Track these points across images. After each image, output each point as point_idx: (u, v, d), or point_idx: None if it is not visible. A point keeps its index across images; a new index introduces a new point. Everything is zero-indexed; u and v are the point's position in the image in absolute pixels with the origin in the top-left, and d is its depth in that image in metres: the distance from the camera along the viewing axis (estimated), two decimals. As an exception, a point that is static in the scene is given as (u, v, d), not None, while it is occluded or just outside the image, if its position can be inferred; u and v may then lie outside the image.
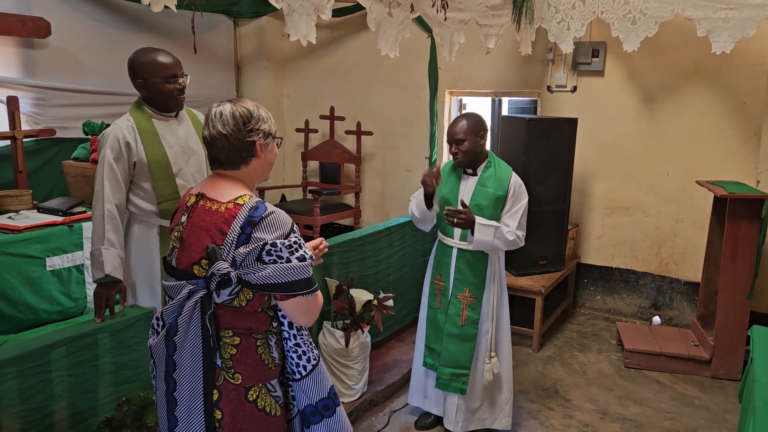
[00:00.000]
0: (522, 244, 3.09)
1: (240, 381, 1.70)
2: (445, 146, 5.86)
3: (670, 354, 4.12)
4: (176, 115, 2.73)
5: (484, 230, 2.97)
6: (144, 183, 2.64)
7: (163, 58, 2.60)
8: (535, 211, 4.58)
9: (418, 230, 4.52)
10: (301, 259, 1.65)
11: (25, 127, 4.30)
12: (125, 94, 5.05)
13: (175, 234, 1.78)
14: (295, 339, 1.80)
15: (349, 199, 6.27)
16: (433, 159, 5.74)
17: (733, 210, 3.88)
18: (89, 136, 4.30)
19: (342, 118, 6.02)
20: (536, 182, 4.55)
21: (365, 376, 3.56)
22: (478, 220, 2.96)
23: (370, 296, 3.46)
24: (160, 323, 1.74)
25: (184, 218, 1.76)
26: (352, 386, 3.44)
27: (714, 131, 4.60)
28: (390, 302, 3.54)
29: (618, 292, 5.15)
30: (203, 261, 1.68)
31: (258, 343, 1.73)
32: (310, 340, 1.84)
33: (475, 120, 3.06)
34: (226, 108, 1.72)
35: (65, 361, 2.24)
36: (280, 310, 1.77)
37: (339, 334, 3.36)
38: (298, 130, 6.32)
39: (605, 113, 4.99)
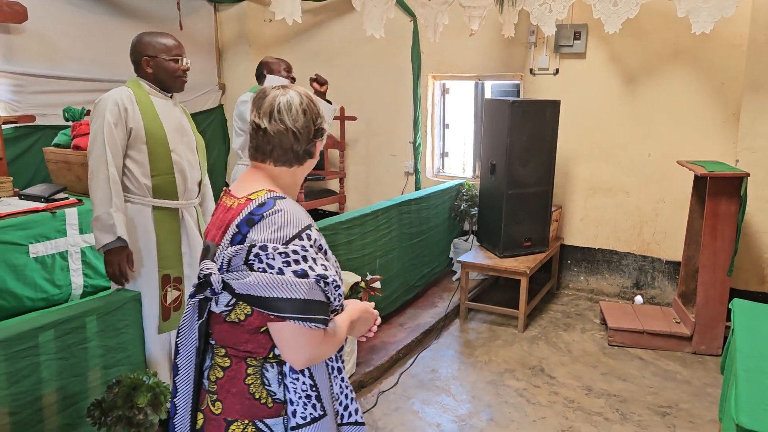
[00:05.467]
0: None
1: (219, 411, 1.48)
2: (429, 131, 5.88)
3: (653, 331, 4.19)
4: (172, 96, 2.80)
5: None
6: (137, 155, 2.62)
7: (171, 39, 2.73)
8: (519, 193, 4.64)
9: (404, 214, 4.57)
10: (301, 274, 1.35)
11: (2, 114, 4.24)
12: (105, 80, 5.01)
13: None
14: (295, 373, 1.49)
15: (333, 184, 6.26)
16: (417, 143, 5.76)
17: (713, 188, 3.95)
18: (70, 123, 4.24)
19: (325, 104, 5.99)
20: (520, 164, 4.59)
21: (354, 358, 3.59)
22: None
23: (358, 278, 3.47)
24: None
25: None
26: (340, 368, 3.46)
27: (694, 112, 4.67)
28: (377, 284, 3.55)
29: (601, 273, 5.23)
30: None
31: (249, 371, 1.47)
32: (316, 384, 1.51)
33: None
34: (295, 100, 1.50)
35: (53, 344, 2.23)
36: None
37: (327, 316, 3.37)
38: (281, 116, 6.28)
39: (587, 95, 5.03)
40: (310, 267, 1.36)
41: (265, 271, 1.35)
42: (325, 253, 1.49)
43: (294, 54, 6.39)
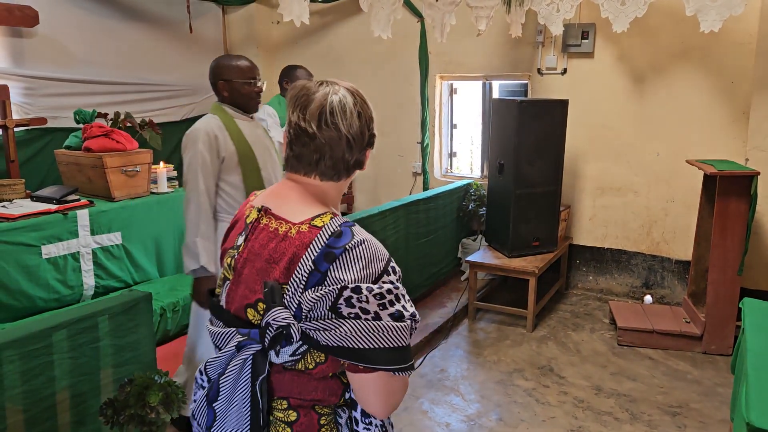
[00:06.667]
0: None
1: None
2: (437, 131, 5.88)
3: (662, 331, 4.18)
4: (252, 117, 2.93)
5: None
6: (230, 177, 2.75)
7: (245, 62, 2.84)
8: (527, 192, 4.63)
9: (412, 215, 4.58)
10: (397, 317, 1.14)
11: (15, 116, 4.27)
12: (115, 83, 5.04)
13: (228, 261, 1.31)
14: (367, 417, 1.32)
15: (342, 185, 6.27)
16: (425, 144, 5.76)
17: (722, 187, 3.93)
18: (81, 125, 4.28)
19: (333, 105, 6.01)
20: (528, 164, 4.58)
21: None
22: None
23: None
24: (205, 378, 1.31)
25: (241, 239, 1.29)
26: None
27: (703, 111, 4.65)
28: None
29: (610, 272, 5.21)
30: (261, 304, 1.22)
31: (322, 421, 1.26)
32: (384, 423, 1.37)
33: None
34: (348, 100, 1.26)
35: (66, 343, 2.25)
36: None
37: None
38: (289, 118, 6.31)
39: (595, 95, 5.02)
40: (403, 306, 1.15)
41: (358, 317, 1.12)
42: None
43: (302, 56, 6.41)
